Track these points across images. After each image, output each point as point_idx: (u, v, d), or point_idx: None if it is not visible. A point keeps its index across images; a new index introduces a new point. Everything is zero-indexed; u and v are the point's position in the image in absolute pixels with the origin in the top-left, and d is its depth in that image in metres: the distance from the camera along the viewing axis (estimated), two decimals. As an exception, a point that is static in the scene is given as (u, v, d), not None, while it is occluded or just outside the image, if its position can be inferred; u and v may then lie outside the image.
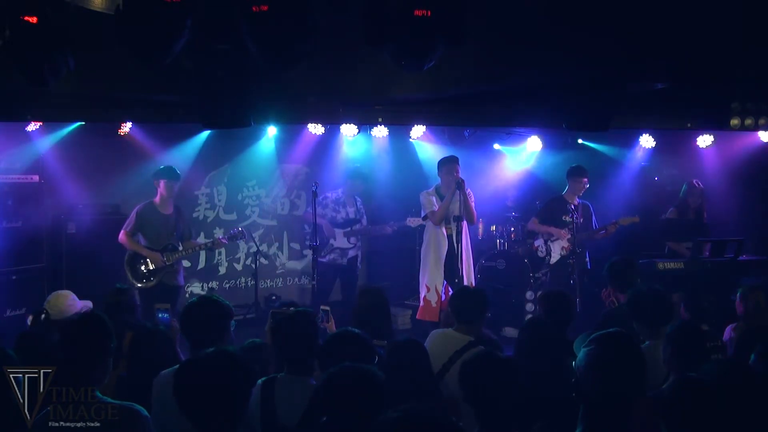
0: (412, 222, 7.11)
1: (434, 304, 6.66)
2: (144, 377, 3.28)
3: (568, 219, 7.05)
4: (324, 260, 7.36)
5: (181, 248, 6.43)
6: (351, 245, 7.44)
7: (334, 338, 3.22)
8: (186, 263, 7.13)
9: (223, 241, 6.84)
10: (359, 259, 7.63)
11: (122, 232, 6.33)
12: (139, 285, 6.25)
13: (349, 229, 7.40)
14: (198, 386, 2.41)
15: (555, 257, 7.18)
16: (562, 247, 7.09)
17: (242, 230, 6.99)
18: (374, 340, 3.42)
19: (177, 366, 2.81)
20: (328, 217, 7.38)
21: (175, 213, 6.51)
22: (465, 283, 6.49)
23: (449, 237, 6.71)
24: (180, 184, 6.65)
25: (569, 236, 6.98)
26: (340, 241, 7.38)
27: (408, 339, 3.59)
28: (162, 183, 6.35)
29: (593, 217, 7.20)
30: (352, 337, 3.18)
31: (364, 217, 7.63)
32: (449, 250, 6.69)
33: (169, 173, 6.43)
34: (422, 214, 6.92)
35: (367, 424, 2.21)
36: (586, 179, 7.13)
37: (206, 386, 2.40)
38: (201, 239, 7.56)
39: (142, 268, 6.31)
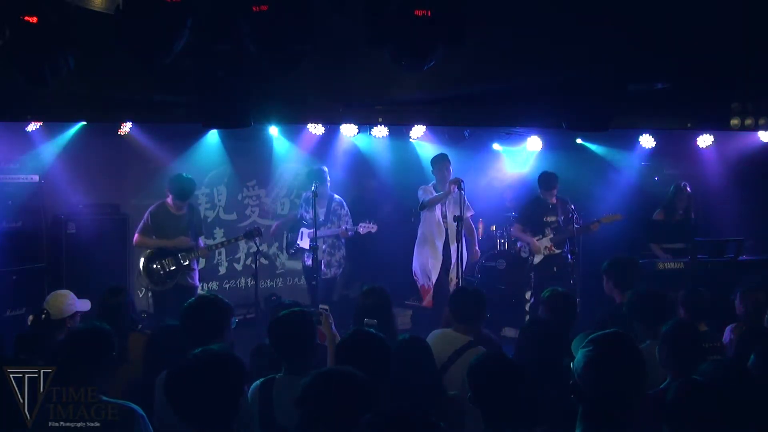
0: (363, 228, 6.93)
1: (427, 287, 6.95)
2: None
3: (550, 219, 7.09)
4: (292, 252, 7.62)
5: (204, 245, 6.54)
6: (308, 249, 6.93)
7: (348, 338, 3.19)
8: (202, 263, 7.20)
9: (241, 239, 6.96)
10: (333, 275, 7.22)
11: (137, 235, 6.31)
12: (157, 288, 6.24)
13: (310, 230, 6.90)
14: (187, 387, 2.41)
15: (538, 258, 7.16)
16: (546, 247, 7.08)
17: (259, 228, 6.99)
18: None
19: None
20: (299, 215, 7.34)
21: (189, 213, 6.46)
22: (455, 278, 6.60)
23: (446, 229, 6.94)
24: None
25: (551, 236, 7.02)
26: (304, 241, 7.18)
27: (413, 336, 3.59)
28: (170, 197, 6.32)
29: (574, 214, 6.99)
30: (366, 336, 3.15)
31: (345, 220, 7.11)
32: (446, 239, 6.94)
33: (180, 192, 6.28)
34: (420, 204, 7.04)
35: (350, 427, 2.11)
36: (555, 190, 7.09)
37: (195, 386, 2.40)
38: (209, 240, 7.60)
39: (161, 271, 6.24)
